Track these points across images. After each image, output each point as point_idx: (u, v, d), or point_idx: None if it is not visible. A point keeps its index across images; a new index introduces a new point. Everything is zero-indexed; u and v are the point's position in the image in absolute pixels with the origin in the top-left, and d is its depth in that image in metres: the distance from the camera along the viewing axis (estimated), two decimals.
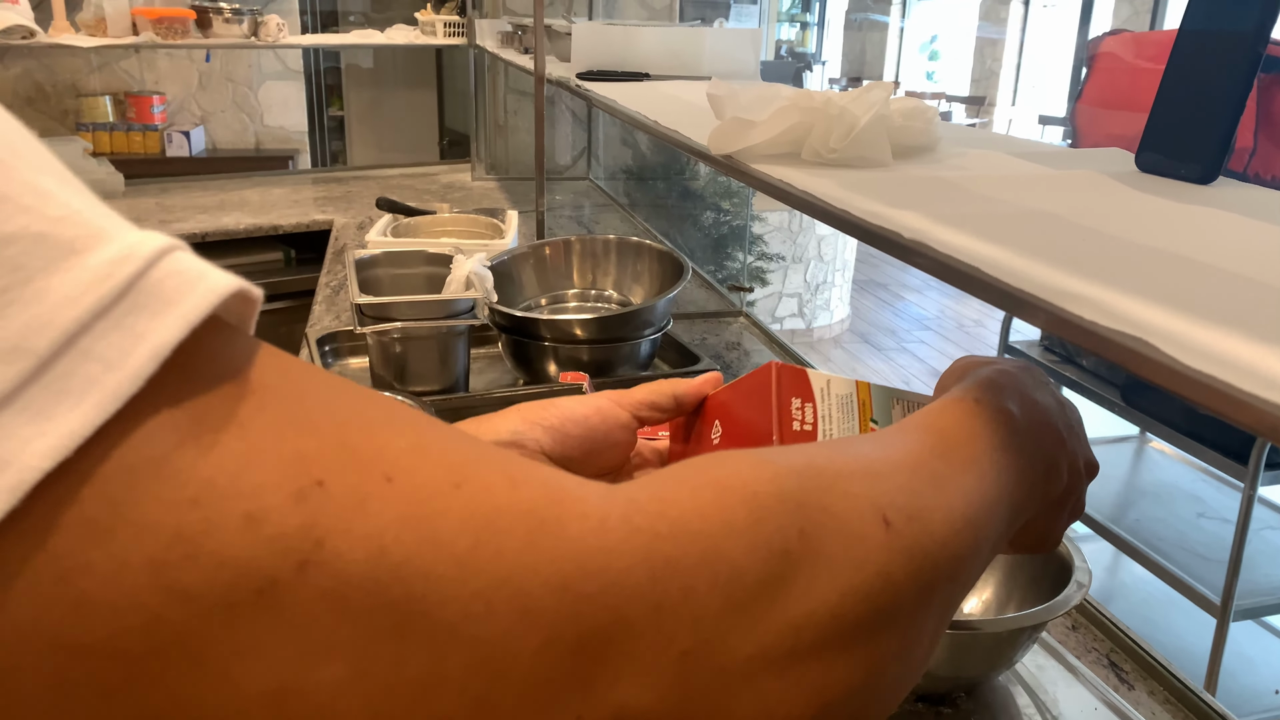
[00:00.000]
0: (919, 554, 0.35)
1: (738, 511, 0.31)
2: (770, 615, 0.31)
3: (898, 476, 0.38)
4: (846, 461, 0.38)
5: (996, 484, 0.43)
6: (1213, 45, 0.71)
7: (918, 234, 0.53)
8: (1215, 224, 0.59)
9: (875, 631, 0.34)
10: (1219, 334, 0.36)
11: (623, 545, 0.28)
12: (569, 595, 0.26)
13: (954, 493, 0.39)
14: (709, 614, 0.29)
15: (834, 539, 0.33)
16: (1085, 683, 0.69)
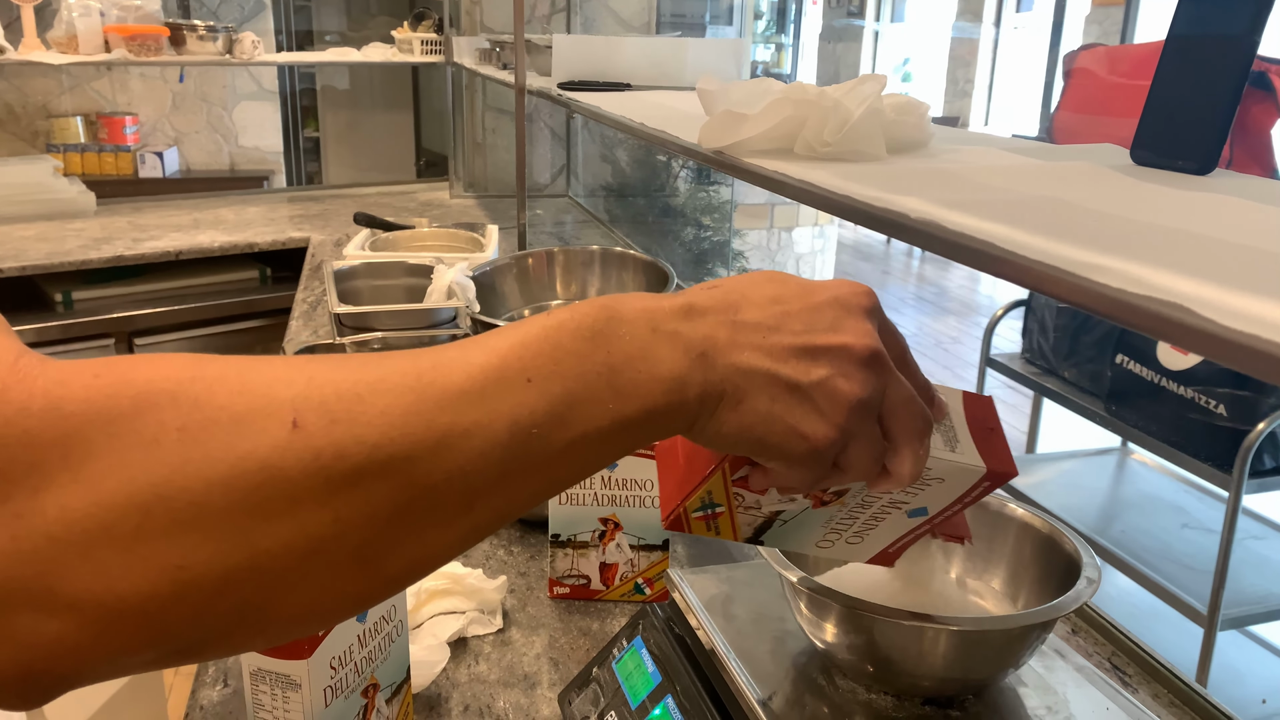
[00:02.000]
0: (332, 454, 0.36)
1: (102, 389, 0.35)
2: (98, 489, 0.34)
3: (356, 384, 0.38)
4: (324, 370, 0.39)
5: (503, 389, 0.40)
6: (1205, 46, 0.71)
7: (926, 215, 0.52)
8: (1218, 206, 0.58)
9: (256, 520, 0.35)
10: (1249, 299, 0.35)
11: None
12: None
13: (424, 399, 0.39)
14: (28, 484, 0.33)
15: (217, 431, 0.35)
16: (1093, 683, 0.67)
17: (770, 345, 0.43)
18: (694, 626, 0.74)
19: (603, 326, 0.42)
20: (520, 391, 0.40)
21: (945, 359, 5.54)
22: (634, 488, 0.96)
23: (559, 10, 3.28)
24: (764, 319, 0.44)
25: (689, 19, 4.34)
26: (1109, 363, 2.42)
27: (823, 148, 0.76)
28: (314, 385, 0.38)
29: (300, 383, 0.38)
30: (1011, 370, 2.80)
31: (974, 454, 0.51)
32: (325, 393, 0.38)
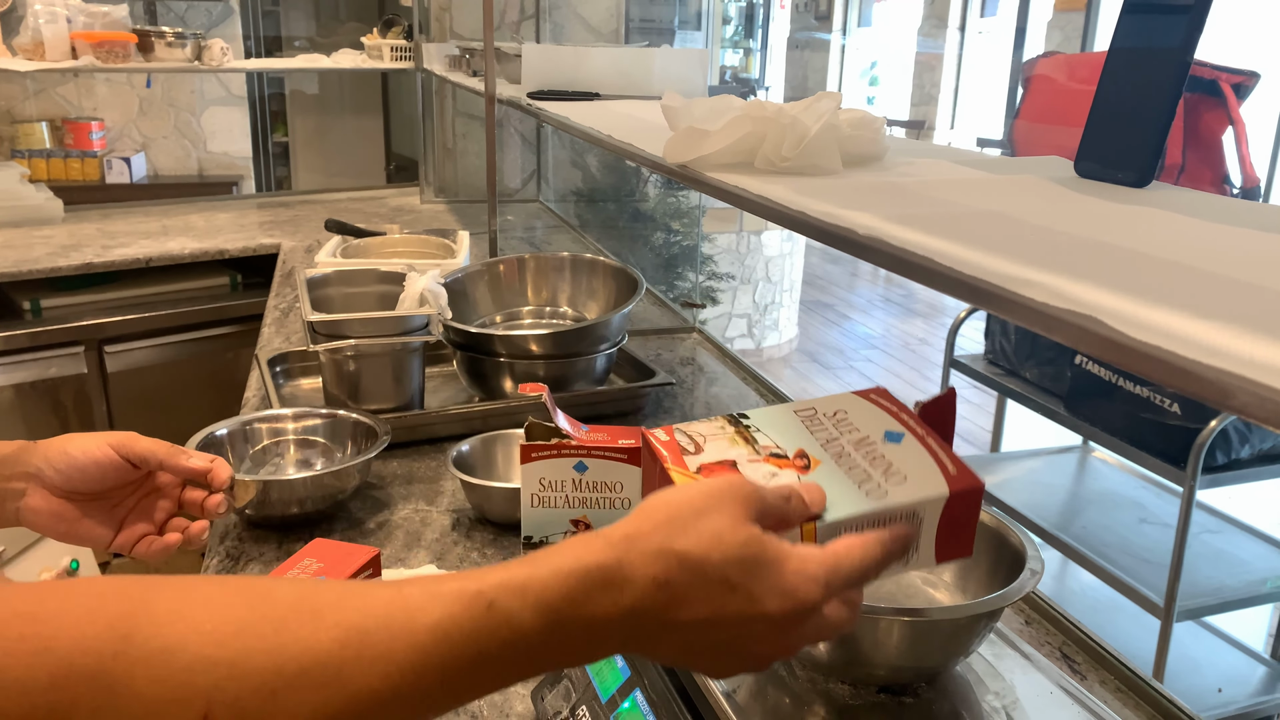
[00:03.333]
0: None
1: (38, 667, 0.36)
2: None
3: (277, 674, 0.40)
4: (252, 648, 0.40)
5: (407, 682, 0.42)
6: (1143, 60, 0.74)
7: (873, 230, 0.55)
8: (1151, 221, 0.62)
9: None
10: (1161, 312, 0.38)
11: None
12: None
13: (331, 700, 0.40)
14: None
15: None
16: (1041, 670, 0.71)
17: (698, 653, 0.51)
18: None
19: (537, 642, 0.45)
20: (437, 699, 0.43)
21: (913, 360, 5.62)
22: (604, 489, 0.99)
23: (528, 17, 3.31)
24: (699, 638, 0.50)
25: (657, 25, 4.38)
26: (1068, 363, 2.48)
27: (781, 162, 0.79)
28: (234, 673, 0.39)
29: (221, 669, 0.39)
30: (975, 371, 2.86)
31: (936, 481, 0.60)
32: (241, 687, 0.39)
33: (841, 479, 0.60)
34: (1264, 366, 0.32)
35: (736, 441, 0.63)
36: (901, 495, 0.59)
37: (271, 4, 5.38)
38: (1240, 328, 0.35)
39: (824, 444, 0.63)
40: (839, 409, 0.66)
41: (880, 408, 0.66)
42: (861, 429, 0.64)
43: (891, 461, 0.61)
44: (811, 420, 0.65)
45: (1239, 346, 0.33)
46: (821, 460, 0.61)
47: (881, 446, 0.62)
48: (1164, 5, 0.73)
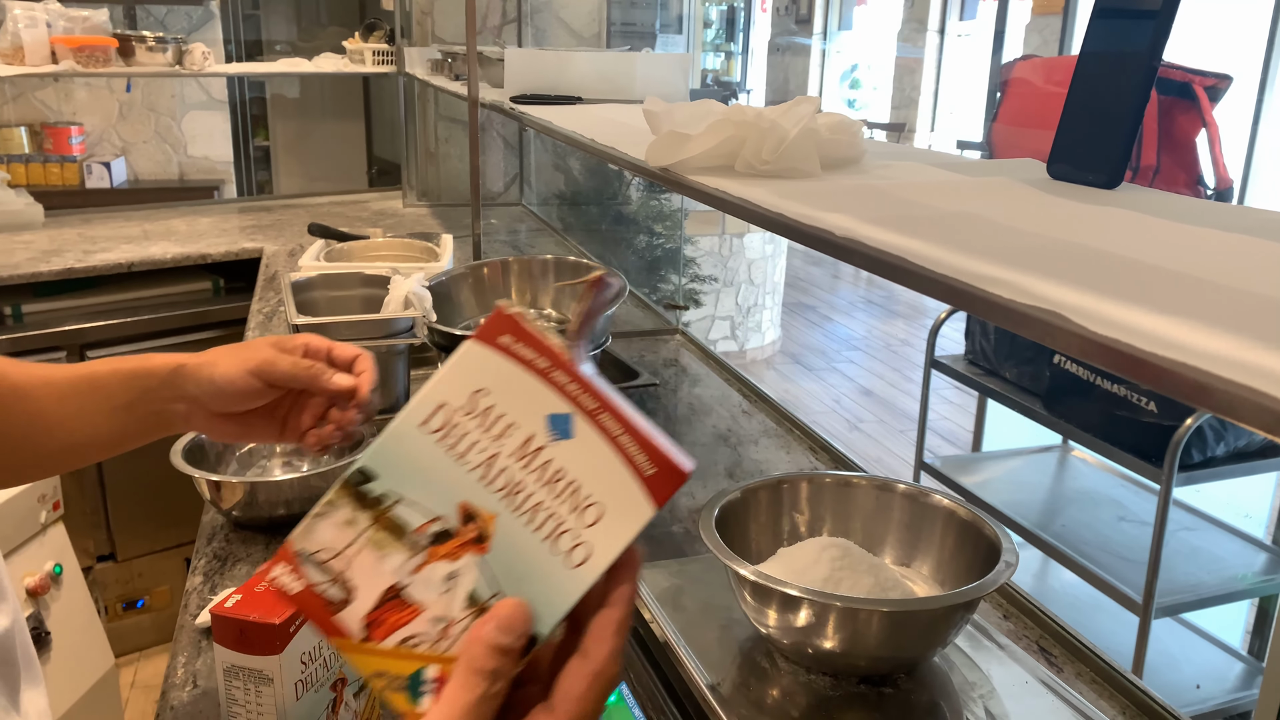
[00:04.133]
0: None
1: None
2: None
3: None
4: None
5: None
6: (1112, 63, 0.76)
7: (849, 232, 0.57)
8: (1119, 221, 0.64)
9: None
10: (1123, 308, 0.40)
11: None
12: None
13: None
14: None
15: None
16: (1018, 661, 0.73)
17: None
18: (647, 619, 0.79)
19: None
20: None
21: (894, 360, 5.65)
22: None
23: (510, 21, 3.32)
24: None
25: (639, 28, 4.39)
26: (1047, 363, 2.51)
27: (761, 165, 0.81)
28: None
29: None
30: (956, 372, 2.88)
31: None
32: None
33: (530, 548, 0.46)
34: (1220, 359, 0.33)
35: (383, 545, 0.47)
36: (607, 545, 0.46)
37: (252, 8, 5.37)
38: (1199, 323, 0.37)
39: (483, 474, 0.47)
40: (475, 388, 0.48)
41: (523, 364, 0.47)
42: (518, 420, 0.47)
43: (574, 480, 0.46)
44: (451, 433, 0.47)
45: (1196, 340, 0.35)
46: (496, 512, 0.46)
47: (551, 451, 0.47)
48: (1132, 10, 0.75)
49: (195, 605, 1.01)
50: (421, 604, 0.46)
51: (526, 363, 0.47)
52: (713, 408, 1.67)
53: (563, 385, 0.47)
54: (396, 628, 0.46)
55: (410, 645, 0.46)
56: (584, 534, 0.45)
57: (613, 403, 0.47)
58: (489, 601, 0.46)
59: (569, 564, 0.45)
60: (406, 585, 0.46)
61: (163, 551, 2.66)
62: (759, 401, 1.71)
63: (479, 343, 0.48)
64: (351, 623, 0.46)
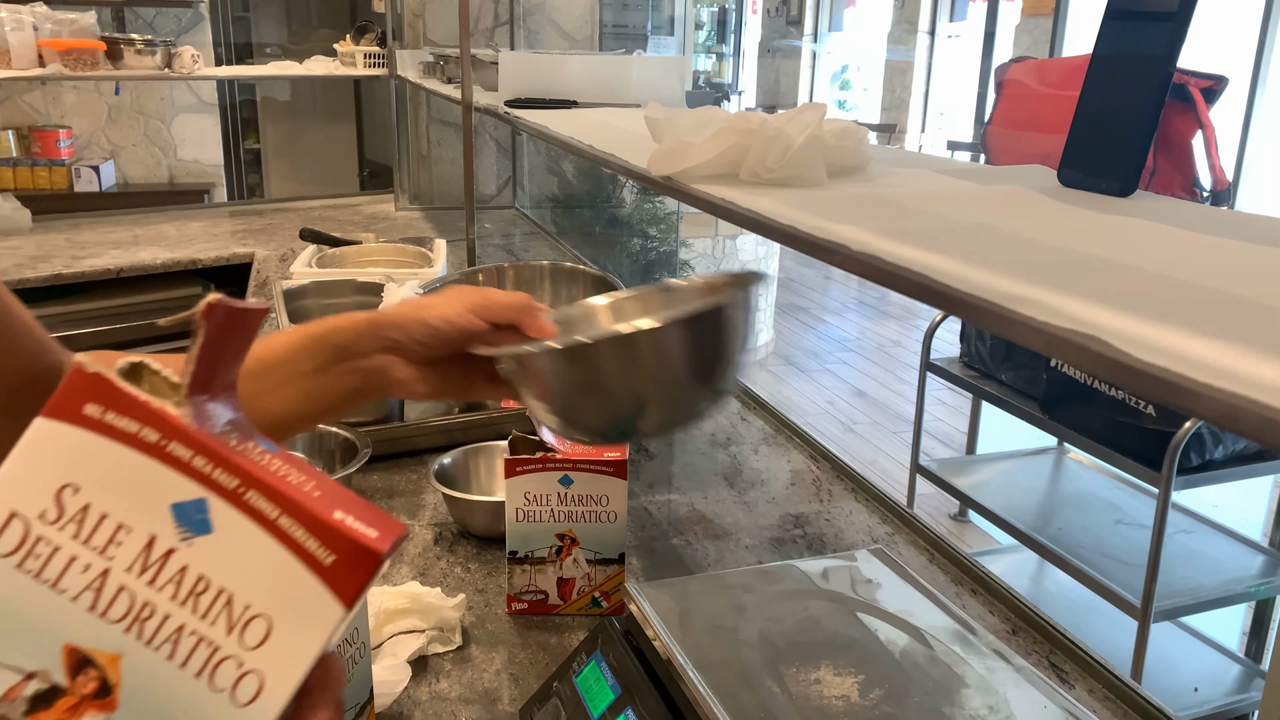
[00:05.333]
0: None
1: None
2: None
3: None
4: None
5: None
6: (1126, 68, 0.74)
7: (865, 246, 0.55)
8: (1139, 232, 0.62)
9: None
10: (1162, 330, 0.38)
11: None
12: None
13: None
14: None
15: None
16: (1034, 683, 0.71)
17: None
18: (651, 638, 0.77)
19: None
20: None
21: (887, 362, 5.64)
22: (590, 503, 0.98)
23: (502, 23, 3.29)
24: None
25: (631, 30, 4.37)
26: (1044, 366, 2.50)
27: (766, 174, 0.79)
28: None
29: None
30: (950, 374, 2.87)
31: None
32: None
33: (174, 685, 0.34)
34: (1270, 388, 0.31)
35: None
36: (285, 667, 0.34)
37: (242, 10, 5.34)
38: (1246, 346, 0.35)
39: (92, 600, 0.34)
40: (59, 483, 0.35)
41: (123, 440, 0.35)
42: (130, 519, 0.35)
43: (223, 588, 0.34)
44: (34, 552, 0.34)
45: (1247, 367, 0.33)
46: (120, 651, 0.34)
47: (185, 554, 0.35)
48: (1145, 13, 0.73)
49: None
50: None
51: (127, 437, 0.35)
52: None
53: (185, 461, 0.35)
54: None
55: None
56: (249, 658, 0.34)
57: (264, 473, 0.35)
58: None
59: (236, 703, 0.34)
60: None
61: None
62: (756, 407, 1.70)
63: (52, 419, 0.34)
64: None
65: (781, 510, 1.31)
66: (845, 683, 0.70)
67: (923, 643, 0.76)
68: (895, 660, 0.73)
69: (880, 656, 0.74)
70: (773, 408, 1.66)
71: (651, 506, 1.30)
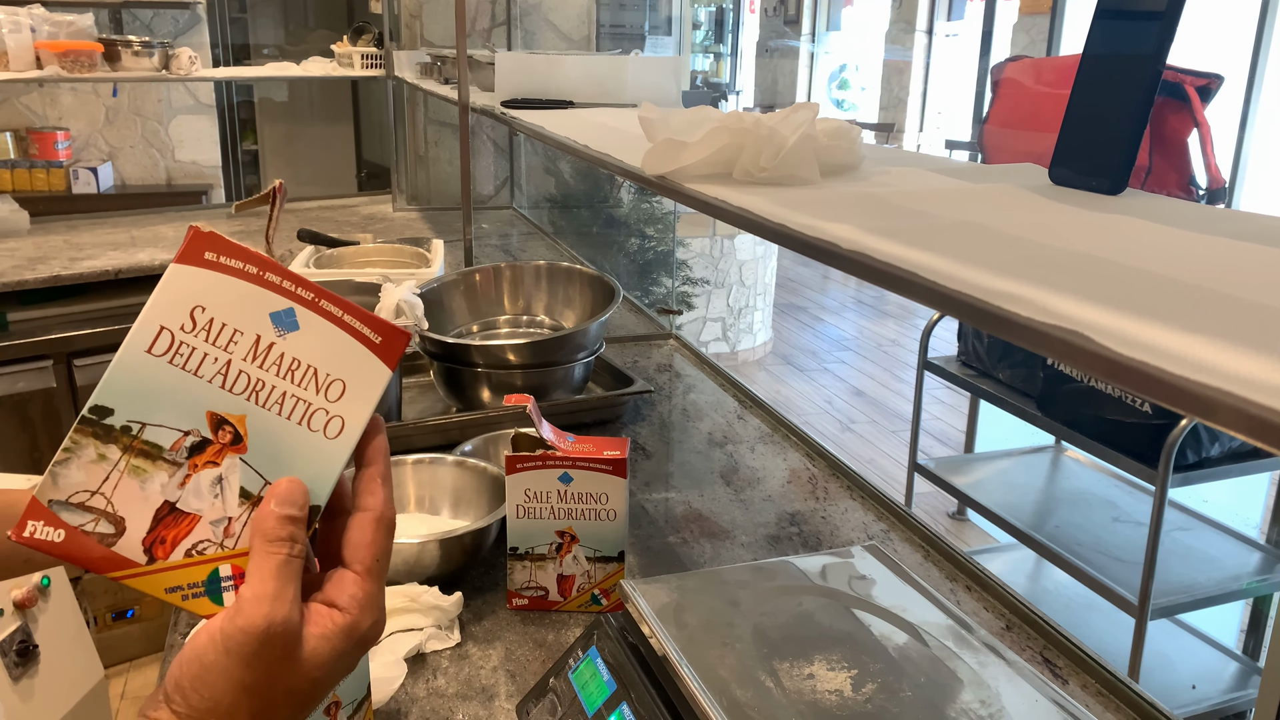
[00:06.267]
0: None
1: None
2: None
3: None
4: None
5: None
6: (1115, 67, 0.75)
7: (855, 244, 0.56)
8: (1128, 230, 0.63)
9: None
10: (1145, 326, 0.39)
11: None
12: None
13: None
14: None
15: None
16: (1027, 677, 0.72)
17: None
18: (646, 634, 0.77)
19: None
20: None
21: (886, 361, 5.65)
22: (589, 500, 0.99)
23: (499, 24, 3.30)
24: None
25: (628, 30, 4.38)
26: (1040, 364, 2.50)
27: (759, 173, 0.80)
28: None
29: None
30: (948, 373, 2.88)
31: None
32: None
33: (284, 430, 0.49)
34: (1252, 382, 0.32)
35: (142, 470, 0.48)
36: (356, 411, 0.50)
37: (239, 11, 5.34)
38: (1224, 341, 0.35)
39: (221, 381, 0.49)
40: (192, 304, 0.49)
41: (235, 275, 0.50)
42: (242, 325, 0.49)
43: (311, 364, 0.49)
44: (179, 353, 0.49)
45: (1225, 361, 0.34)
46: (245, 414, 0.49)
47: (283, 344, 0.49)
48: (1135, 12, 0.73)
49: (185, 622, 0.99)
50: (197, 513, 0.48)
51: (236, 271, 0.49)
52: (707, 413, 1.66)
53: (277, 284, 0.50)
54: (179, 541, 0.48)
55: (198, 552, 0.48)
56: (333, 408, 0.49)
57: (327, 290, 0.50)
58: (261, 492, 0.48)
59: (326, 436, 0.49)
60: (177, 500, 0.48)
61: None
62: (753, 406, 1.70)
63: (182, 264, 0.49)
64: (131, 551, 0.47)
65: (778, 508, 1.31)
66: (839, 677, 0.70)
67: (916, 638, 0.76)
68: (889, 655, 0.74)
69: (874, 651, 0.74)
70: (770, 407, 1.67)
71: (649, 505, 1.31)
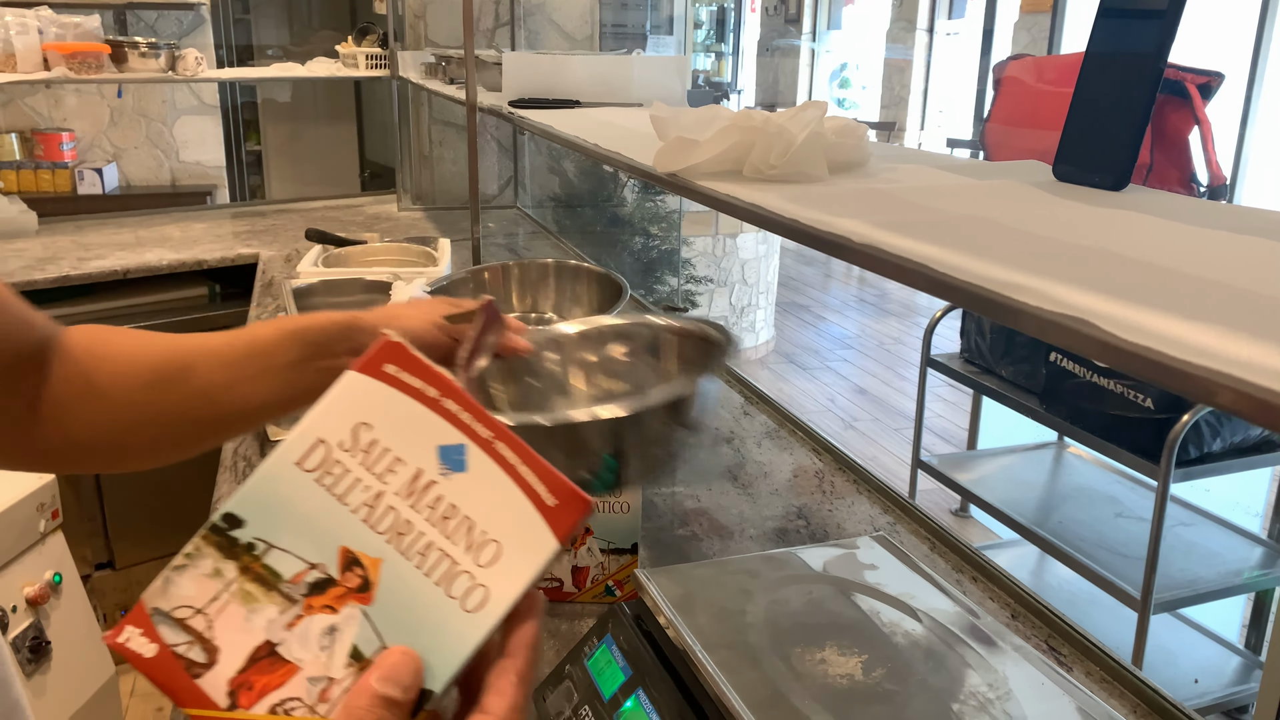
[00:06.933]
0: None
1: None
2: None
3: None
4: None
5: None
6: (1118, 65, 0.77)
7: (866, 238, 0.57)
8: (1131, 224, 0.64)
9: None
10: (1148, 314, 0.40)
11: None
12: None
13: None
14: None
15: None
16: (1033, 662, 0.73)
17: None
18: (662, 623, 0.79)
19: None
20: None
21: (888, 359, 5.67)
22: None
23: (503, 24, 3.31)
24: None
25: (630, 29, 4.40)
26: (1043, 361, 2.52)
27: (769, 170, 0.81)
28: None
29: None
30: (951, 370, 2.89)
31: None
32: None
33: (421, 595, 0.42)
34: (1248, 365, 0.34)
35: (251, 598, 0.42)
36: (507, 586, 0.42)
37: (243, 12, 5.36)
38: (1223, 328, 0.37)
39: (366, 514, 0.43)
40: (356, 421, 0.45)
41: (410, 393, 0.45)
42: (406, 454, 0.44)
43: (468, 515, 0.43)
44: (330, 472, 0.44)
45: (1225, 346, 0.35)
46: (381, 557, 0.43)
47: (443, 486, 0.43)
48: (1137, 11, 0.75)
49: None
50: (297, 662, 0.41)
51: (413, 391, 0.44)
52: (712, 409, 1.68)
53: (454, 414, 0.44)
54: (268, 691, 0.41)
55: (285, 710, 0.41)
56: (480, 575, 0.42)
57: (509, 432, 0.43)
58: (373, 657, 0.41)
59: (463, 608, 0.41)
60: (280, 642, 0.41)
61: (162, 559, 2.64)
62: (759, 402, 1.72)
63: (361, 373, 0.45)
64: (215, 689, 0.40)
65: (785, 502, 1.33)
66: (849, 662, 0.72)
67: (924, 624, 0.78)
68: (898, 641, 0.76)
69: (884, 637, 0.76)
70: (775, 403, 1.69)
71: (658, 499, 1.33)
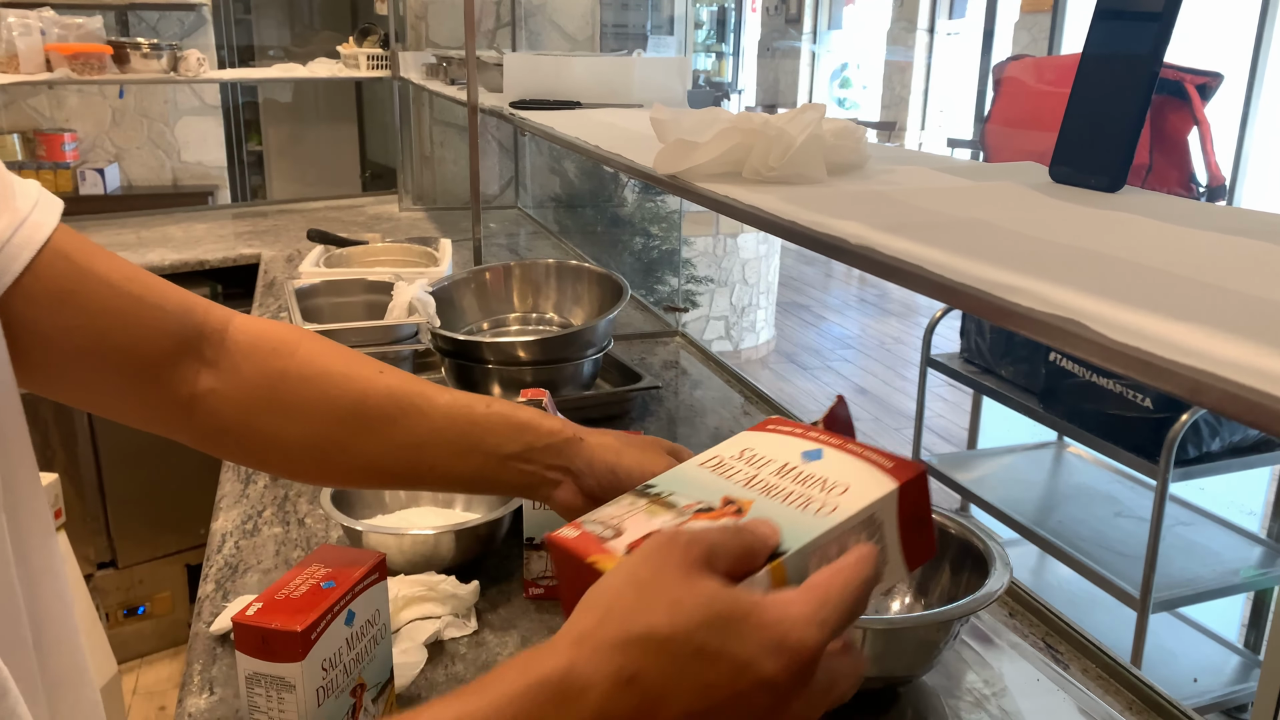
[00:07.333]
0: None
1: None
2: None
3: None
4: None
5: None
6: (1114, 66, 0.77)
7: (863, 240, 0.58)
8: (1124, 226, 0.65)
9: None
10: (1138, 315, 0.41)
11: None
12: None
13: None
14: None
15: None
16: (1029, 659, 0.74)
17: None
18: None
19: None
20: None
21: (888, 359, 5.67)
22: None
23: (504, 25, 3.32)
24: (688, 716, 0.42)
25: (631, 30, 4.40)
26: (1043, 360, 2.52)
27: (768, 172, 0.82)
28: None
29: None
30: (951, 370, 2.90)
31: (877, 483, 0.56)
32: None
33: (783, 510, 0.54)
34: (1238, 365, 0.34)
35: (655, 511, 0.55)
36: (853, 503, 0.53)
37: (244, 13, 5.37)
38: (1213, 329, 0.38)
39: (746, 484, 0.57)
40: (743, 448, 0.61)
41: (784, 434, 0.62)
42: (776, 458, 0.59)
43: (824, 477, 0.56)
44: (721, 467, 0.60)
45: (1213, 347, 0.36)
46: (753, 500, 0.55)
47: (805, 467, 0.57)
48: (1133, 13, 0.76)
49: (209, 613, 1.02)
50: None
51: (787, 432, 0.62)
52: (714, 408, 1.68)
53: (815, 437, 0.60)
54: None
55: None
56: (829, 499, 0.54)
57: (856, 442, 0.60)
58: None
59: (815, 514, 0.53)
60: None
61: (163, 558, 2.66)
62: (760, 402, 1.72)
63: (752, 432, 0.64)
64: (617, 548, 0.52)
65: None
66: None
67: None
68: None
69: None
70: (776, 403, 1.69)
71: None
